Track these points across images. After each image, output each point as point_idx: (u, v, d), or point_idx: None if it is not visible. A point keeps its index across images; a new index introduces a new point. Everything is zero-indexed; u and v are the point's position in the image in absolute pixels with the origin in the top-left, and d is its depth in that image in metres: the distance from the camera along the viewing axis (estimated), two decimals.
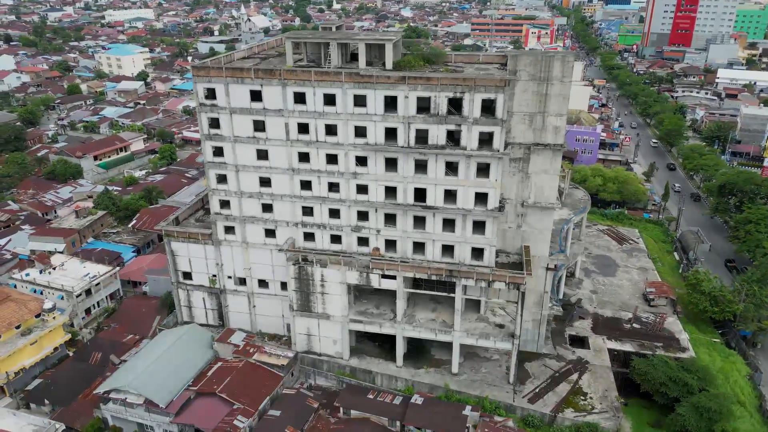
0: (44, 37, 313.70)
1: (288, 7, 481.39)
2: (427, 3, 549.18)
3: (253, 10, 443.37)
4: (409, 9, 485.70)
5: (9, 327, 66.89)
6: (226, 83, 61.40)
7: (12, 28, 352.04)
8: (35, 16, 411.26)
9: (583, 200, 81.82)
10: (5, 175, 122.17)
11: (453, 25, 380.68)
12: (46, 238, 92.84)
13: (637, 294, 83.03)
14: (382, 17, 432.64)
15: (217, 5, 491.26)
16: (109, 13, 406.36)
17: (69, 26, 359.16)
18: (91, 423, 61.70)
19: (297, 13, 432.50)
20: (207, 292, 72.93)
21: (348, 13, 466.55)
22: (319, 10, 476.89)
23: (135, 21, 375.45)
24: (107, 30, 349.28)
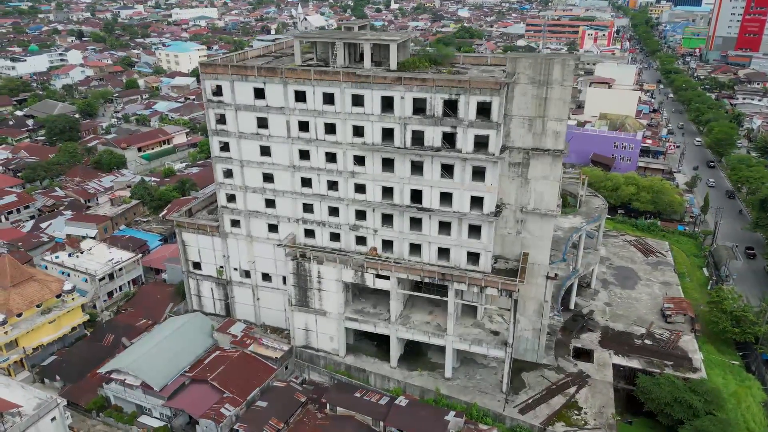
0: (113, 34, 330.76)
1: (346, 6, 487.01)
2: (486, 3, 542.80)
3: (312, 9, 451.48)
4: (466, 9, 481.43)
5: (30, 305, 71.36)
6: (231, 80, 63.23)
7: (86, 25, 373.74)
8: (109, 14, 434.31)
9: (600, 209, 79.00)
10: (56, 163, 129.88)
11: (509, 26, 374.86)
12: (80, 224, 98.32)
13: (654, 309, 79.45)
14: (437, 17, 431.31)
15: (279, 4, 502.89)
16: (175, 11, 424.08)
17: (137, 24, 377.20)
18: (95, 401, 65.09)
19: (354, 13, 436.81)
20: (215, 283, 75.30)
21: (405, 13, 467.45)
22: (377, 10, 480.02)
23: (199, 19, 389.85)
24: (172, 28, 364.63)
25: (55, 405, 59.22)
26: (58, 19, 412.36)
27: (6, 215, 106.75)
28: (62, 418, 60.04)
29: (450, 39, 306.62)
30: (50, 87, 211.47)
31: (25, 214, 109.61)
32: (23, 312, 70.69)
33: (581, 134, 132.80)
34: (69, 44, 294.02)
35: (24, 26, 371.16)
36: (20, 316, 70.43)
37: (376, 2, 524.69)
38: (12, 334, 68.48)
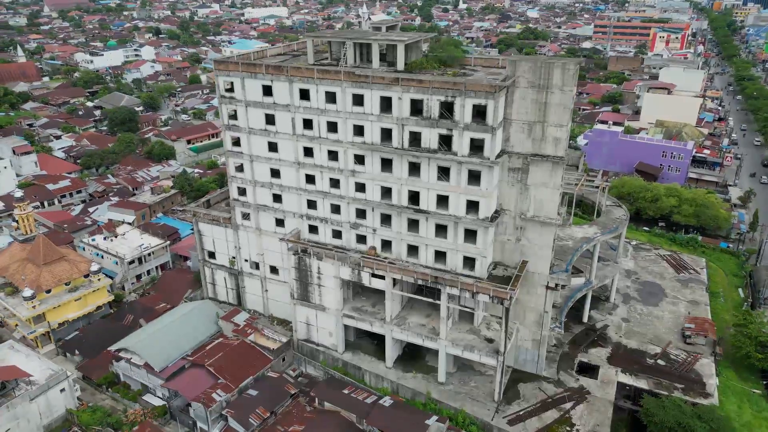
0: (188, 32, 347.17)
1: (414, 6, 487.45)
2: (558, 3, 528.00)
3: (379, 9, 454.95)
4: (536, 10, 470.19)
5: (59, 283, 76.69)
6: (242, 77, 65.37)
7: (165, 23, 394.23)
8: (187, 12, 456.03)
9: (619, 220, 75.61)
10: (112, 151, 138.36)
11: (579, 27, 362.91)
12: (121, 210, 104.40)
13: (675, 329, 75.22)
14: (505, 17, 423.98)
15: (348, 4, 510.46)
16: (248, 10, 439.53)
17: (211, 22, 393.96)
18: (105, 377, 69.22)
19: (420, 13, 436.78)
20: (227, 272, 78.08)
21: (472, 13, 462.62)
22: (444, 10, 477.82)
23: (268, 18, 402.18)
24: (243, 26, 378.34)
25: (65, 377, 63.67)
26: (141, 16, 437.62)
27: (59, 199, 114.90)
28: (71, 389, 64.43)
29: (512, 40, 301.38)
30: (122, 80, 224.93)
31: (77, 198, 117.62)
32: (52, 289, 76.04)
33: (627, 141, 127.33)
34: (146, 41, 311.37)
35: (109, 23, 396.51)
36: (49, 293, 75.81)
37: (444, 2, 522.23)
38: (39, 308, 73.82)
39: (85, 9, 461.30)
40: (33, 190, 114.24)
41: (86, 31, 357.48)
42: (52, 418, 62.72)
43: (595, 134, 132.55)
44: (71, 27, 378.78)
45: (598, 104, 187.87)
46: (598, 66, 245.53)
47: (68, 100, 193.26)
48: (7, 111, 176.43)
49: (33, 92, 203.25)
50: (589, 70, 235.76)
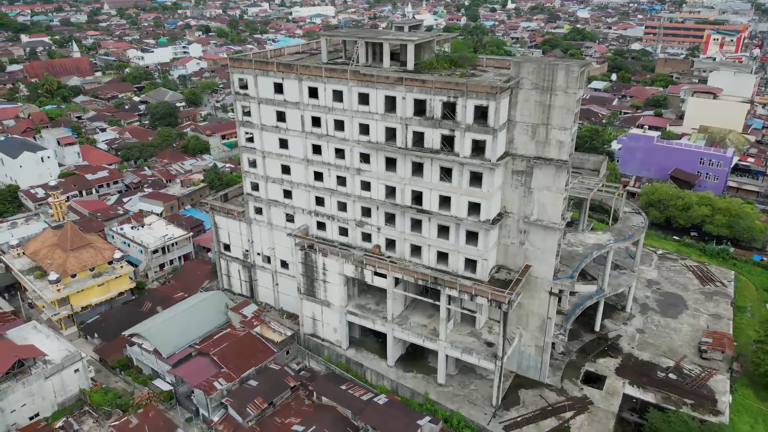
0: (236, 29, 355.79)
1: (460, 6, 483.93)
2: (611, 3, 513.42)
3: (425, 9, 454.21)
4: (587, 10, 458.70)
5: (83, 268, 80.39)
6: (255, 75, 66.88)
7: (216, 21, 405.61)
8: (237, 11, 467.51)
9: (636, 227, 73.29)
10: (151, 145, 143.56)
11: (631, 28, 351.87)
12: (151, 201, 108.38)
13: (693, 342, 72.41)
14: (553, 17, 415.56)
15: (395, 3, 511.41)
16: (295, 9, 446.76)
17: (259, 20, 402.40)
18: (119, 360, 72.17)
19: (467, 13, 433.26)
20: (241, 265, 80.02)
21: (520, 13, 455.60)
22: (491, 9, 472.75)
23: (315, 17, 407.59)
24: (289, 25, 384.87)
25: (79, 359, 66.78)
26: (194, 15, 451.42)
27: (97, 188, 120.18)
28: (85, 370, 67.52)
29: (557, 40, 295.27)
30: (168, 77, 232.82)
31: (113, 188, 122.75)
32: (77, 273, 79.77)
33: (662, 147, 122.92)
34: (195, 38, 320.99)
35: (164, 21, 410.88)
36: (74, 277, 79.55)
37: (492, 2, 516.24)
38: (64, 292, 77.60)
39: (142, 7, 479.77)
40: (73, 180, 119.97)
41: (141, 29, 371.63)
42: (65, 396, 65.90)
43: (629, 139, 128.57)
44: (128, 24, 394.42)
45: (640, 108, 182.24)
46: (645, 68, 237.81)
47: (116, 95, 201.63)
48: (59, 103, 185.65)
49: (85, 86, 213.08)
50: (635, 72, 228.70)
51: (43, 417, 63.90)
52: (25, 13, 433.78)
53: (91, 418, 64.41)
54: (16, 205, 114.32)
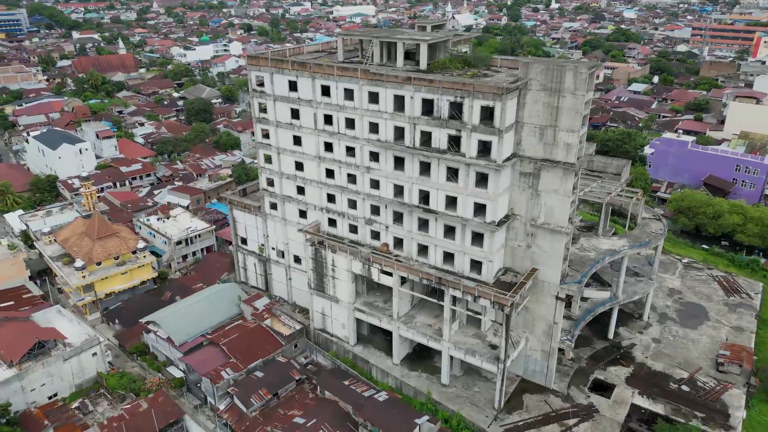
0: (277, 28, 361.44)
1: (503, 5, 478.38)
2: (660, 3, 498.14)
3: (466, 8, 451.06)
4: (634, 10, 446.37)
5: (108, 256, 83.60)
6: (271, 72, 68.21)
7: (258, 19, 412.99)
8: (280, 10, 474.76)
9: (654, 234, 71.37)
10: (184, 139, 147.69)
11: (680, 29, 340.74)
12: (179, 194, 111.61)
13: (710, 354, 70.10)
14: (598, 17, 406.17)
15: (436, 3, 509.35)
16: (336, 8, 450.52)
17: (300, 19, 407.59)
18: (137, 346, 74.81)
19: (509, 12, 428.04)
20: (257, 259, 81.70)
21: (564, 13, 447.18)
22: (534, 9, 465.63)
23: (355, 16, 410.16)
24: (329, 24, 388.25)
25: (98, 343, 69.58)
26: (238, 13, 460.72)
27: (130, 180, 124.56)
28: (102, 354, 70.28)
29: (598, 41, 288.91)
30: (208, 74, 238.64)
31: (146, 181, 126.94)
32: (102, 261, 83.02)
33: (696, 152, 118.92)
34: (236, 36, 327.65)
35: (208, 19, 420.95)
36: (99, 265, 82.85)
37: (535, 1, 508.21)
38: (89, 278, 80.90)
39: (189, 6, 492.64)
40: (108, 172, 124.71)
41: (186, 27, 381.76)
42: (83, 378, 68.75)
43: (662, 143, 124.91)
44: (174, 22, 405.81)
45: (680, 112, 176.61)
46: (689, 71, 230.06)
47: (157, 91, 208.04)
48: (103, 98, 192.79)
49: (128, 82, 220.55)
50: (679, 75, 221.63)
51: (61, 397, 66.85)
52: (78, 11, 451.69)
53: (106, 401, 67.06)
54: (54, 194, 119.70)
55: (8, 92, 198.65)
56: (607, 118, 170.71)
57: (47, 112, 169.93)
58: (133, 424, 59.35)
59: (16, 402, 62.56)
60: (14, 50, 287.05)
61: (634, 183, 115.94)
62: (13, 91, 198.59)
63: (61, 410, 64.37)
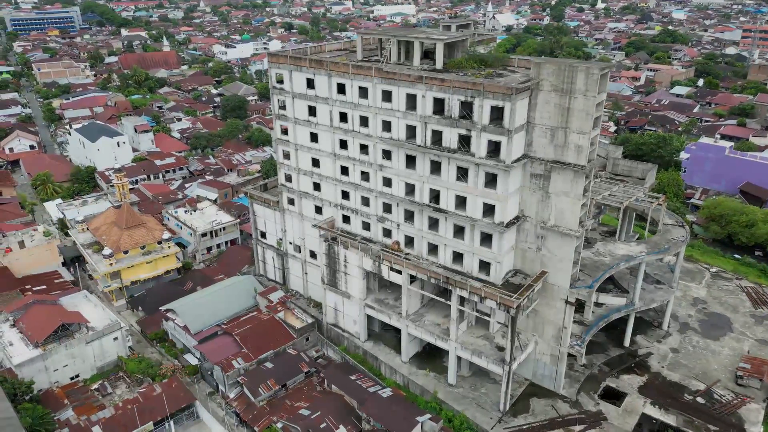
0: (317, 27, 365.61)
1: (546, 5, 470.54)
2: (712, 4, 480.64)
3: (508, 8, 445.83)
4: (684, 11, 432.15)
5: (135, 246, 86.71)
6: (290, 70, 69.47)
7: (300, 18, 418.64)
8: (322, 9, 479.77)
9: (675, 241, 69.41)
10: (218, 135, 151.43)
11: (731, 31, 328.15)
12: (207, 188, 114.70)
13: (730, 367, 67.74)
14: (645, 18, 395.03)
15: (479, 2, 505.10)
16: (377, 8, 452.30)
17: (341, 19, 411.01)
18: (156, 333, 77.45)
19: (552, 12, 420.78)
20: (275, 253, 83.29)
21: (610, 13, 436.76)
22: (579, 9, 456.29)
23: (395, 16, 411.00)
24: (369, 23, 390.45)
25: (119, 328, 72.35)
26: (280, 12, 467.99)
27: (164, 173, 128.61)
28: (123, 339, 73.04)
29: (642, 42, 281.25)
30: (246, 71, 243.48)
31: (179, 174, 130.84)
32: (129, 250, 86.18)
33: (734, 158, 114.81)
34: (277, 35, 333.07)
35: (252, 18, 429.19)
36: (126, 254, 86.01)
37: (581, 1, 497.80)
38: (116, 266, 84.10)
39: (234, 5, 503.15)
40: (143, 165, 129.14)
41: (230, 25, 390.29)
42: (104, 361, 71.62)
43: (698, 148, 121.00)
44: (219, 21, 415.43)
45: (723, 116, 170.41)
46: (736, 74, 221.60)
47: (196, 87, 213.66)
48: (145, 94, 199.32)
49: (170, 78, 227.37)
50: (725, 78, 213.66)
51: (83, 378, 69.83)
52: (129, 9, 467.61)
53: (125, 384, 69.67)
54: (92, 185, 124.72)
55: (57, 86, 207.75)
56: (644, 122, 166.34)
57: (91, 106, 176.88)
58: (146, 407, 61.51)
59: (39, 380, 65.67)
60: (66, 46, 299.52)
61: (667, 189, 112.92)
62: (61, 86, 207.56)
63: (81, 391, 67.26)
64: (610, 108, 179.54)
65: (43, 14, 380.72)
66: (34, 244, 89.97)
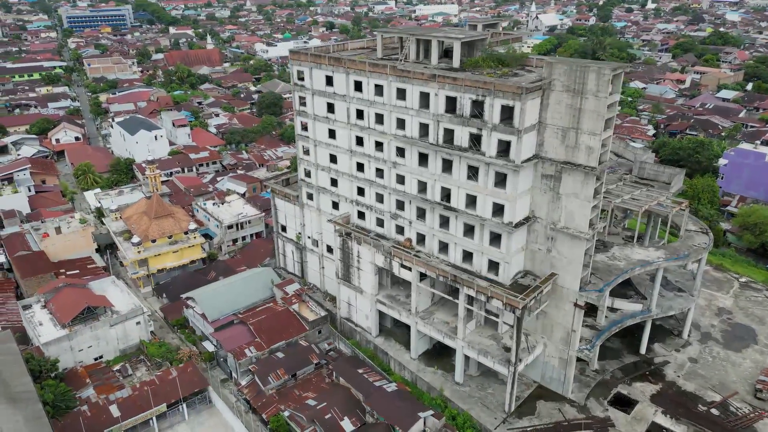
0: (358, 26, 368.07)
1: (593, 5, 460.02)
2: None
3: (554, 8, 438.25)
4: (739, 12, 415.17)
5: (163, 235, 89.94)
6: (310, 67, 70.85)
7: (343, 18, 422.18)
8: (365, 8, 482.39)
9: (695, 248, 67.51)
10: (252, 131, 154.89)
11: None
12: (237, 182, 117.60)
13: (750, 380, 65.58)
14: (696, 19, 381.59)
15: (522, 2, 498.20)
16: (419, 7, 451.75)
17: (383, 18, 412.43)
18: (178, 320, 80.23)
19: (599, 13, 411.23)
20: (294, 246, 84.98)
21: (660, 14, 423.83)
22: (627, 10, 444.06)
23: (436, 15, 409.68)
24: (410, 23, 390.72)
25: (141, 313, 75.30)
26: (324, 11, 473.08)
27: (197, 167, 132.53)
28: (146, 324, 75.98)
29: (690, 44, 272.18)
30: (286, 69, 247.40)
31: (212, 168, 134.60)
32: (156, 239, 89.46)
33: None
34: (318, 34, 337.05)
35: (295, 17, 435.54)
36: (154, 242, 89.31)
37: (631, 1, 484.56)
38: (143, 254, 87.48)
39: (279, 4, 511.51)
40: (178, 158, 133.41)
41: (273, 24, 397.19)
42: (127, 344, 74.68)
43: (737, 155, 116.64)
44: (263, 20, 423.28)
45: None
46: None
47: (236, 84, 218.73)
48: (186, 90, 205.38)
49: (212, 75, 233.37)
50: None
51: (106, 360, 73.00)
52: (178, 8, 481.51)
53: (145, 366, 72.53)
54: (129, 176, 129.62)
55: (105, 82, 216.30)
56: (686, 126, 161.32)
57: (135, 101, 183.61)
58: (161, 390, 63.92)
59: (65, 359, 69.05)
60: (117, 43, 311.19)
61: (701, 195, 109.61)
62: (109, 81, 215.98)
63: (104, 371, 70.32)
64: (651, 111, 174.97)
65: (97, 12, 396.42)
66: (70, 231, 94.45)
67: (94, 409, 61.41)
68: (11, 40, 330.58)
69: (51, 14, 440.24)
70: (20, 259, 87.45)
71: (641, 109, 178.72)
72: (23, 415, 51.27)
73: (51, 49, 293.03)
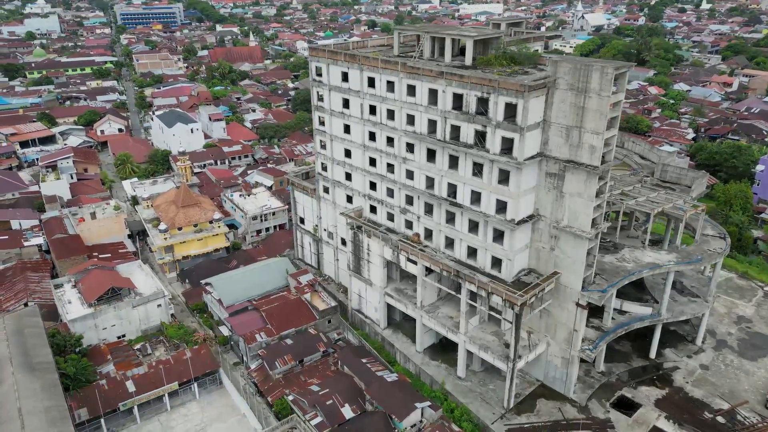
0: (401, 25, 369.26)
1: (645, 5, 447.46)
2: None
3: (602, 7, 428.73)
4: None
5: (188, 223, 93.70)
6: (327, 64, 72.69)
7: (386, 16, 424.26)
8: (408, 7, 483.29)
9: (709, 253, 66.05)
10: (285, 126, 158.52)
11: None
12: (265, 175, 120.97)
13: (763, 390, 63.81)
14: (753, 20, 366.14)
15: (570, 1, 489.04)
16: (463, 6, 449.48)
17: (425, 17, 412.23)
18: (197, 304, 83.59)
19: (649, 13, 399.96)
20: (311, 238, 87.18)
21: (714, 15, 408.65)
22: (680, 10, 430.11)
23: (480, 15, 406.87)
24: (453, 22, 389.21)
25: (162, 296, 78.88)
26: (367, 10, 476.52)
27: (229, 160, 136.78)
28: (166, 307, 79.56)
29: (742, 46, 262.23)
30: None
31: (243, 161, 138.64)
32: (183, 227, 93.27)
33: None
34: (360, 33, 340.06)
35: (339, 15, 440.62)
36: (180, 230, 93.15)
37: (684, 1, 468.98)
38: (170, 241, 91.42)
39: (324, 2, 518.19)
40: (212, 151, 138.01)
41: (317, 23, 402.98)
42: (148, 325, 78.40)
43: None
44: (307, 18, 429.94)
45: None
46: None
47: (275, 81, 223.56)
48: (227, 85, 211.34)
49: (252, 72, 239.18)
50: None
51: (128, 339, 76.85)
52: (227, 6, 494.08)
53: (163, 347, 76.00)
54: (166, 167, 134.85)
55: (152, 76, 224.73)
56: (728, 130, 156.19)
57: (177, 96, 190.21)
58: (175, 369, 67.13)
59: (89, 336, 73.13)
60: (166, 40, 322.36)
61: (734, 201, 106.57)
62: (155, 76, 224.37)
63: (125, 349, 74.12)
64: (692, 114, 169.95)
65: (149, 9, 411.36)
66: (104, 217, 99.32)
67: (111, 384, 65.04)
68: (69, 35, 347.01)
69: (107, 11, 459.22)
70: (57, 241, 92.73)
71: (683, 112, 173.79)
72: (41, 383, 54.96)
73: (104, 45, 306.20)
